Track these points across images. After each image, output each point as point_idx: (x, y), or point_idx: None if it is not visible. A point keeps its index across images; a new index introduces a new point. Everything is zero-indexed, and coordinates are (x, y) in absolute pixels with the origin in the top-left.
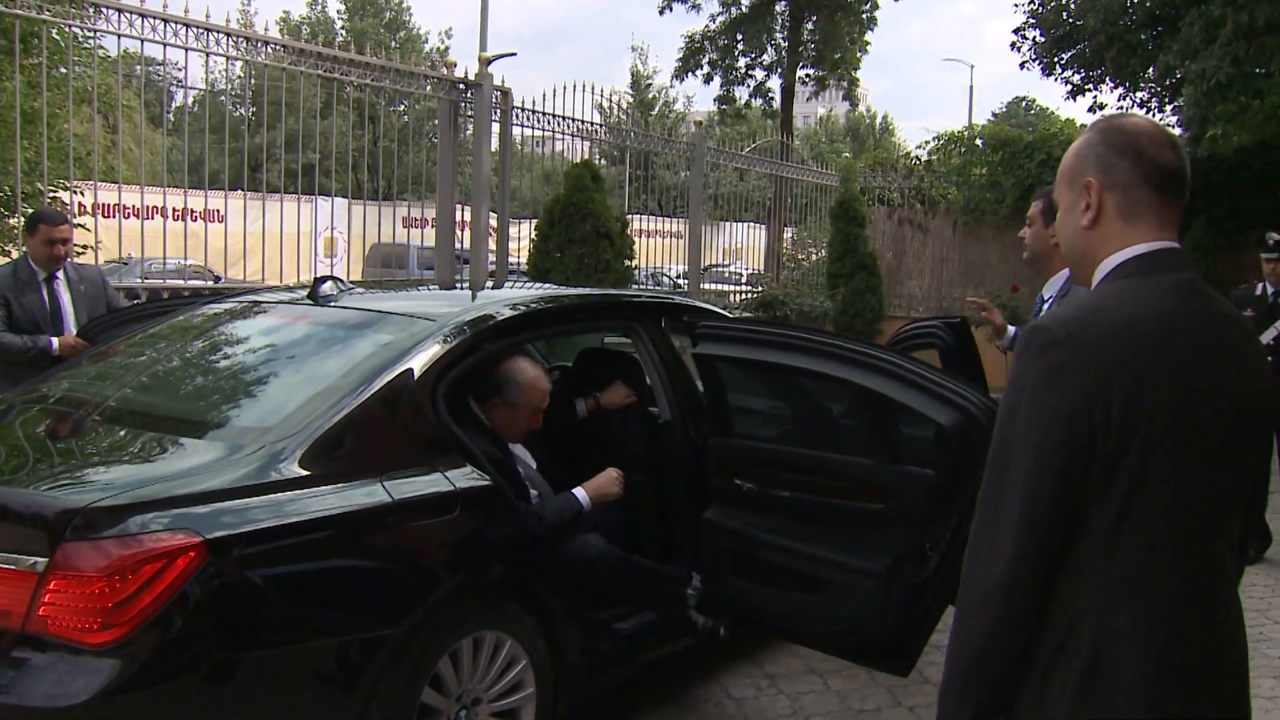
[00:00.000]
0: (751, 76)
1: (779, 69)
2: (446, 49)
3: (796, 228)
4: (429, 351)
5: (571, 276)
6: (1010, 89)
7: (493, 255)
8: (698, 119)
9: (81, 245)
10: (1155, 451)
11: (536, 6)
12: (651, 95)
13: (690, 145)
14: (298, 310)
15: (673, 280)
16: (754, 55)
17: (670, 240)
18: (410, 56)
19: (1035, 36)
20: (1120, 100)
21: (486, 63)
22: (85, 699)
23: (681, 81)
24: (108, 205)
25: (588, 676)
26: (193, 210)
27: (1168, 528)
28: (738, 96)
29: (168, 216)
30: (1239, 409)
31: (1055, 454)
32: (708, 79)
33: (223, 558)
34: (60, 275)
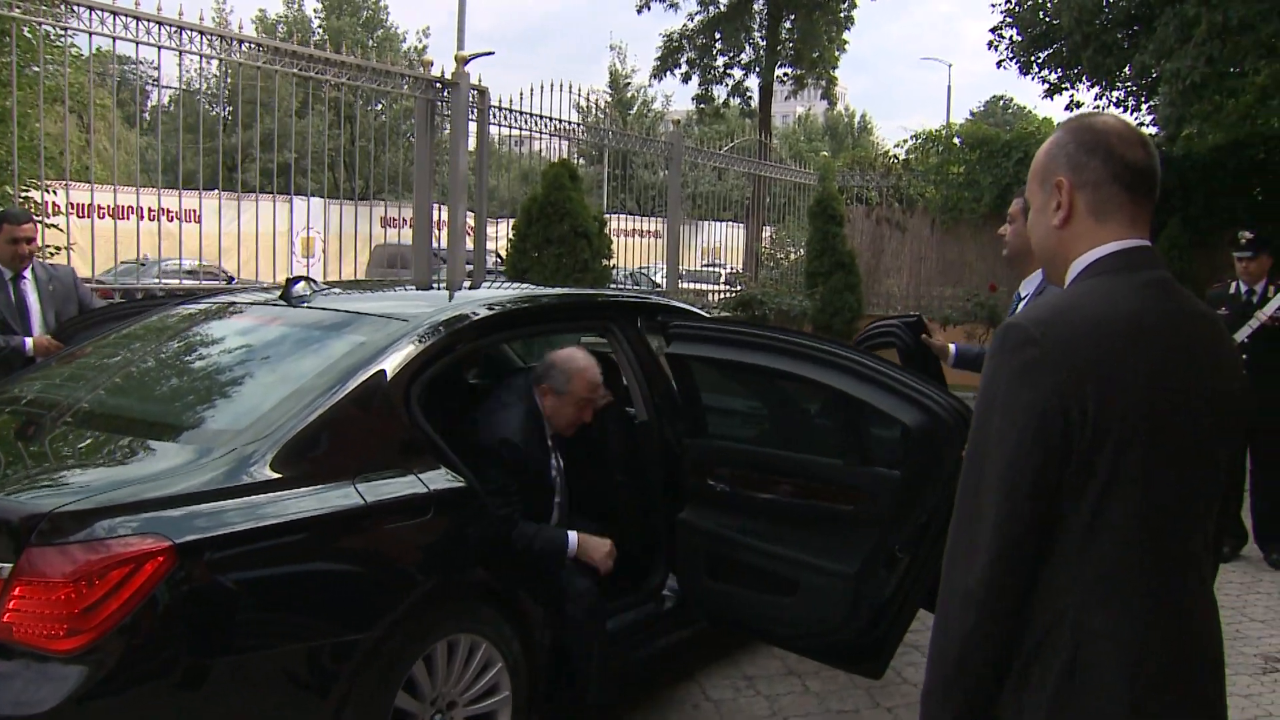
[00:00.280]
0: (730, 75)
1: (757, 68)
2: (424, 48)
3: (775, 227)
4: (402, 352)
5: (549, 276)
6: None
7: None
8: (676, 118)
9: (55, 246)
10: (1129, 450)
11: (515, 6)
12: (630, 94)
13: (668, 144)
14: (270, 311)
15: (652, 281)
16: (732, 54)
17: (649, 239)
18: (387, 56)
19: (1012, 36)
20: (1096, 99)
21: (464, 62)
22: (52, 706)
23: (660, 80)
24: (81, 205)
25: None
26: (168, 210)
27: (1143, 526)
28: (716, 96)
29: (143, 217)
30: (1212, 407)
31: (1030, 453)
32: (686, 78)
33: (192, 562)
34: (28, 274)
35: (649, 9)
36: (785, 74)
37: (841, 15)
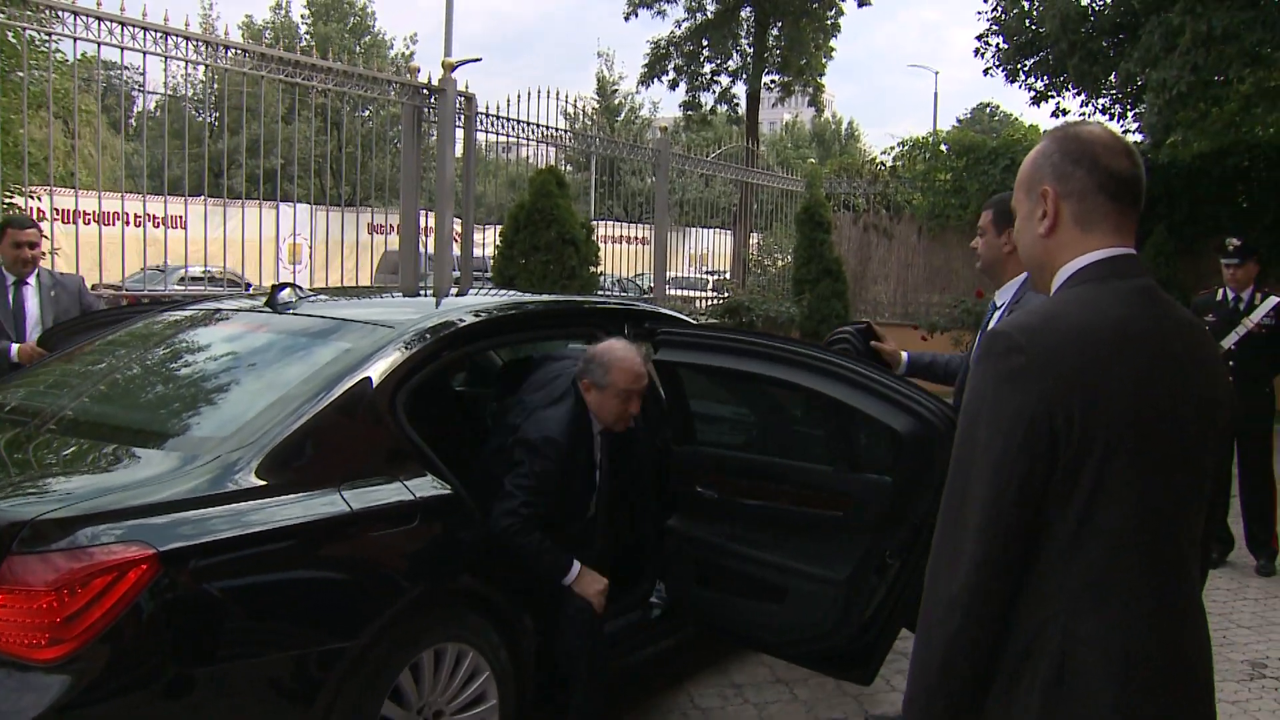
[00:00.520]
0: (717, 83)
1: (744, 75)
2: (412, 54)
3: (762, 233)
4: (388, 359)
5: (536, 283)
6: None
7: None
8: (663, 125)
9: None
10: (1115, 457)
11: (503, 13)
12: (617, 101)
13: (656, 151)
14: (255, 318)
15: (639, 288)
16: (719, 61)
17: (636, 246)
18: (375, 62)
19: (998, 43)
20: (1082, 107)
21: (451, 68)
22: (33, 717)
23: (647, 87)
24: (66, 211)
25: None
26: (154, 216)
27: (1130, 533)
28: (703, 102)
29: (128, 223)
30: (1198, 414)
31: (1016, 459)
32: (673, 85)
33: (176, 570)
34: (31, 281)
35: (636, 16)
36: (772, 81)
37: (828, 22)
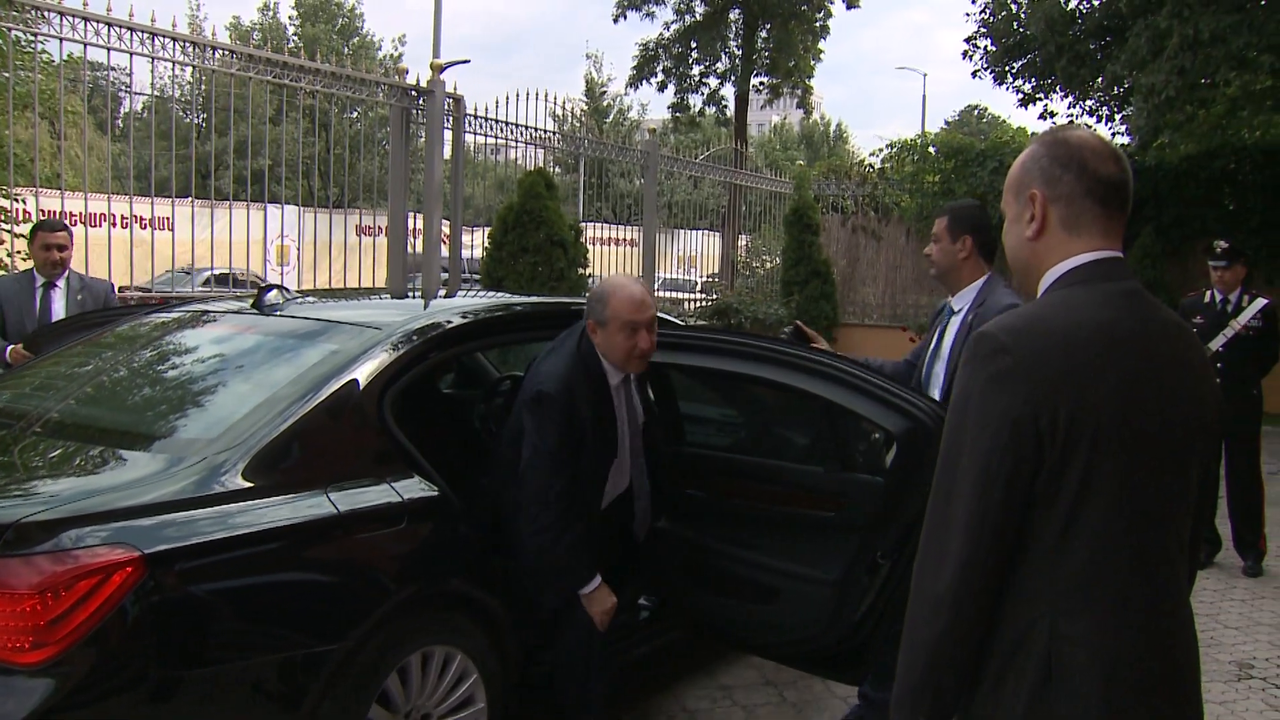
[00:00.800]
0: (705, 84)
1: (733, 77)
2: (400, 56)
3: (751, 235)
4: (375, 360)
5: (525, 284)
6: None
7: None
8: (652, 127)
9: (25, 253)
10: (1101, 458)
11: (491, 14)
12: (606, 103)
13: (644, 153)
14: (242, 320)
15: None
16: (708, 63)
17: (625, 248)
18: (363, 63)
19: (986, 46)
20: (1070, 109)
21: (439, 70)
22: None
23: (636, 89)
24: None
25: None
26: (141, 217)
27: (1117, 535)
28: (692, 104)
29: (115, 224)
30: (1184, 415)
31: (1002, 460)
32: (662, 87)
33: (162, 573)
34: (60, 283)
35: (625, 18)
36: (761, 83)
37: (817, 25)
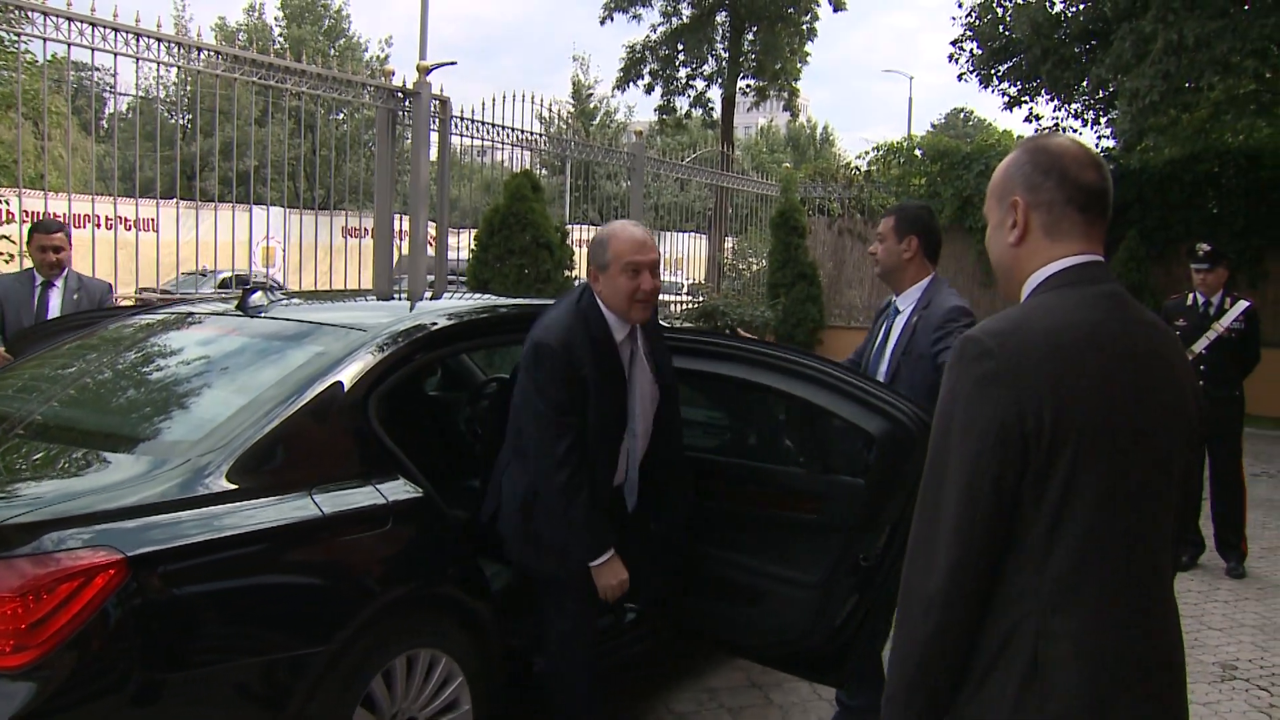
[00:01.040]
0: (692, 87)
1: (719, 79)
2: (386, 57)
3: (737, 237)
4: (360, 362)
5: (511, 286)
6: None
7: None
8: (638, 129)
9: (7, 255)
10: (1086, 459)
11: (478, 16)
12: (593, 105)
13: (631, 155)
14: (227, 321)
15: None
16: (694, 66)
17: None
18: (349, 65)
19: (972, 49)
20: (1055, 112)
21: (425, 71)
22: None
23: (623, 91)
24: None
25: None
26: (125, 218)
27: (1103, 534)
28: (678, 107)
29: (99, 225)
30: (1167, 416)
31: (989, 461)
32: (649, 89)
33: (145, 575)
34: (58, 283)
35: (612, 20)
36: (747, 85)
37: (804, 27)
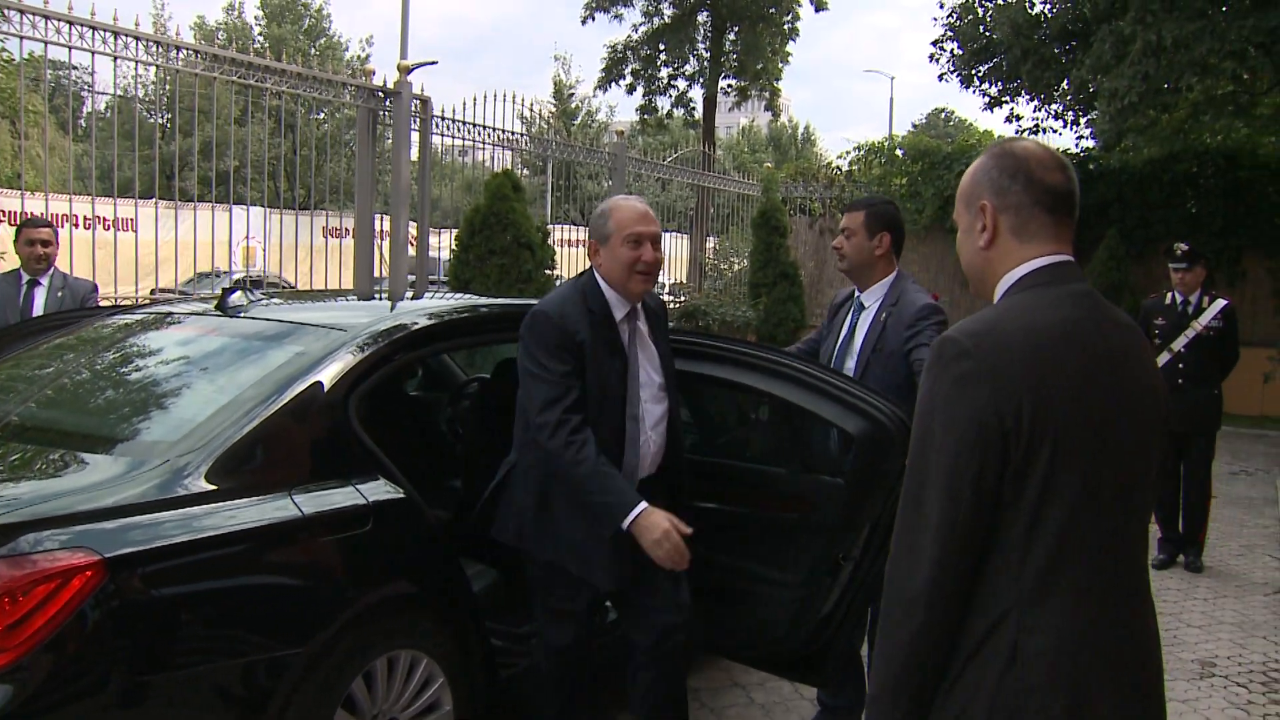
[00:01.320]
0: (674, 87)
1: (701, 79)
2: (367, 57)
3: (719, 237)
4: (340, 362)
5: (492, 286)
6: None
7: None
8: (620, 129)
9: None
10: (1064, 456)
11: (459, 17)
12: (574, 105)
13: (612, 155)
14: (206, 321)
15: None
16: (676, 65)
17: None
18: (329, 64)
19: (953, 49)
20: (1035, 112)
21: (406, 71)
22: None
23: (604, 91)
24: (13, 214)
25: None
26: (103, 218)
27: (1081, 531)
28: (660, 107)
29: (77, 225)
30: (1141, 411)
31: (969, 461)
32: (630, 89)
33: (123, 577)
34: (44, 281)
35: (593, 20)
36: (729, 85)
37: (785, 27)
